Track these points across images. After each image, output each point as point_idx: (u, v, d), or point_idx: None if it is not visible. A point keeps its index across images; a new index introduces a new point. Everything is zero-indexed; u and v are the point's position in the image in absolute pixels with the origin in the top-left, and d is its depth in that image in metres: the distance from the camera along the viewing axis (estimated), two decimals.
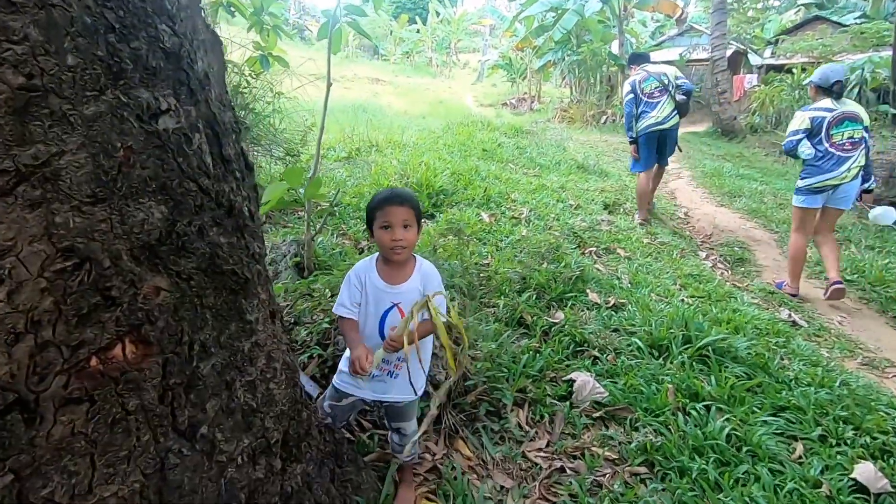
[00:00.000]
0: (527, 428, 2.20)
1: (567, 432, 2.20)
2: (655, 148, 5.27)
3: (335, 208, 4.03)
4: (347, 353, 1.66)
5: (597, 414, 2.28)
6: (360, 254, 3.28)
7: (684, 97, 5.21)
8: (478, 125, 8.74)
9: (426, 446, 2.01)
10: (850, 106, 4.00)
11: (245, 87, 4.06)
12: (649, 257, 4.16)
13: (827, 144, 3.91)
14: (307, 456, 1.23)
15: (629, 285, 3.55)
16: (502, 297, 3.08)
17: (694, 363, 2.60)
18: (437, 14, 32.44)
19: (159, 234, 0.79)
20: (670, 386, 2.38)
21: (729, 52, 13.46)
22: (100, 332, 0.71)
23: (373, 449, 1.91)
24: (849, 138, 3.90)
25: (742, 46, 18.17)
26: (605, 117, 13.79)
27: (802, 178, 4.01)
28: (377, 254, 1.64)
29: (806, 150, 3.96)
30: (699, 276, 3.90)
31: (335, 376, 1.65)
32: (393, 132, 7.69)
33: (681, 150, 5.75)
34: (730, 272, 4.38)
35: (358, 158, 5.81)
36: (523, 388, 2.38)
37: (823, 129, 3.93)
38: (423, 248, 3.01)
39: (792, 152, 4.08)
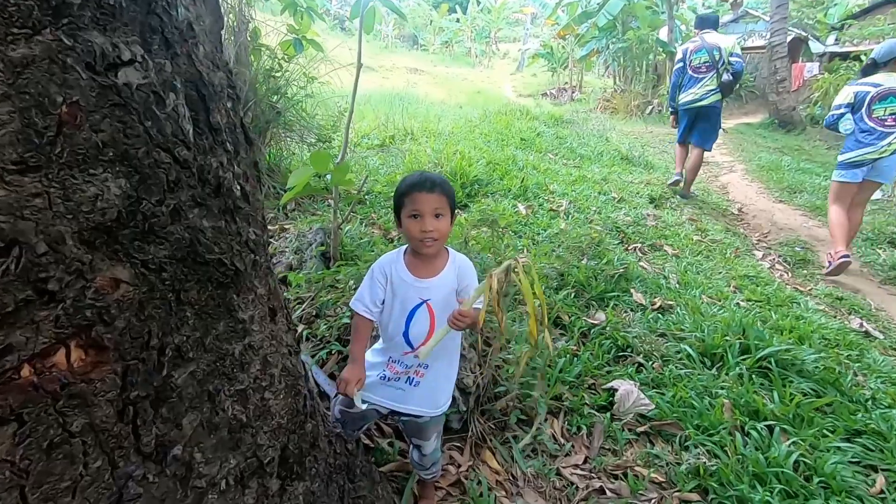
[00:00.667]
0: (562, 440, 2.00)
1: (607, 448, 1.99)
2: (687, 124, 5.40)
3: (365, 196, 3.90)
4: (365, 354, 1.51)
5: (641, 429, 2.06)
6: (389, 244, 3.13)
7: (731, 78, 5.20)
8: (516, 114, 8.45)
9: (450, 456, 1.85)
10: None
11: (278, 71, 3.97)
12: (699, 255, 3.84)
13: (867, 119, 3.98)
14: (312, 472, 1.08)
15: (677, 286, 3.27)
16: None
17: (753, 376, 2.32)
18: (478, 3, 31.96)
19: (118, 215, 0.64)
20: (726, 401, 2.12)
21: (788, 39, 12.55)
22: (33, 335, 0.57)
23: (393, 457, 1.76)
24: (891, 114, 3.92)
25: (802, 33, 16.98)
26: (650, 107, 13.15)
27: (843, 153, 4.07)
28: (405, 246, 1.47)
29: (847, 124, 4.04)
30: (756, 278, 3.57)
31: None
32: (429, 121, 7.51)
33: (725, 132, 5.84)
34: (790, 274, 4.00)
35: (392, 146, 5.67)
36: (559, 395, 2.18)
37: (865, 104, 3.99)
38: (454, 239, 2.83)
39: (833, 126, 4.14)
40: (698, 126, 5.34)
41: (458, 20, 33.38)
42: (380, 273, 1.42)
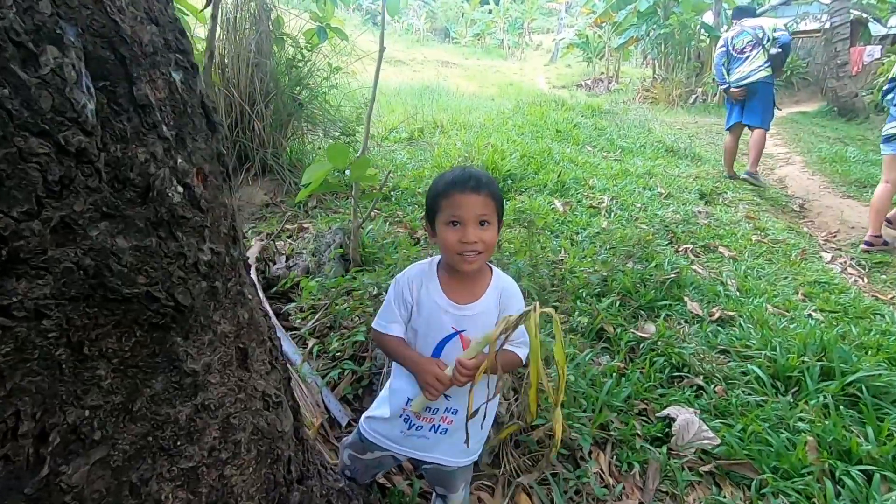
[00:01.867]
0: (610, 480, 1.70)
1: (664, 490, 1.68)
2: (739, 106, 5.21)
3: (391, 192, 3.66)
4: (385, 391, 1.26)
5: (705, 468, 1.74)
6: (415, 244, 2.89)
7: (779, 49, 5.08)
8: (551, 105, 8.05)
9: (479, 498, 1.58)
10: None
11: (300, 61, 3.77)
12: (760, 258, 3.43)
13: None
14: None
15: (737, 293, 2.90)
16: (578, 303, 2.57)
17: (840, 406, 1.96)
18: None
19: None
20: (810, 438, 1.78)
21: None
22: None
23: (413, 501, 1.51)
24: None
25: (863, 14, 15.74)
26: (693, 97, 12.44)
27: (890, 126, 4.01)
28: (438, 257, 1.22)
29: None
30: (828, 285, 3.14)
31: (362, 419, 1.24)
32: (459, 113, 7.23)
33: (779, 109, 5.82)
34: (866, 280, 3.54)
35: (420, 140, 5.42)
36: (606, 423, 1.89)
37: None
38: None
39: (886, 103, 4.14)
40: (750, 105, 5.11)
41: (490, 11, 32.81)
42: (407, 290, 1.17)
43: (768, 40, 5.10)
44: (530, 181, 4.26)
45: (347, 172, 2.42)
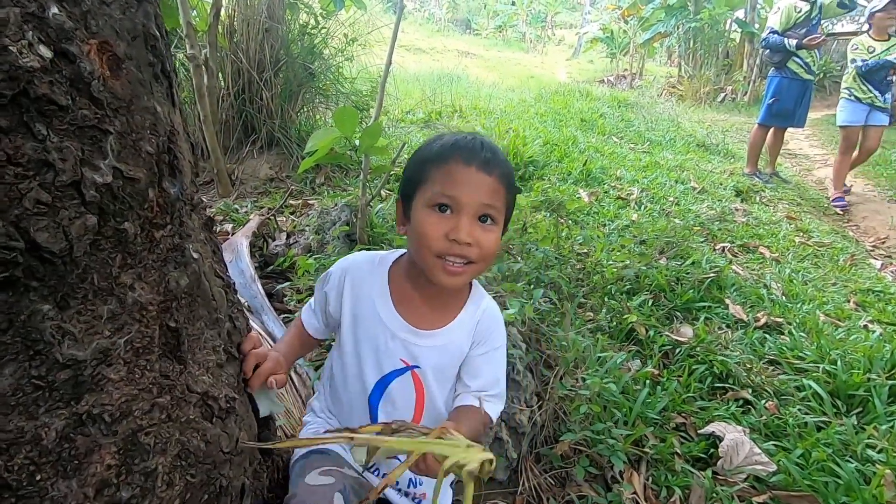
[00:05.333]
0: None
1: None
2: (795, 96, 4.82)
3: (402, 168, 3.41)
4: (319, 386, 0.97)
5: (759, 499, 1.47)
6: None
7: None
8: (575, 94, 7.73)
9: None
10: None
11: (314, 28, 3.52)
12: (805, 261, 3.13)
13: None
14: None
15: (783, 298, 2.61)
16: (606, 299, 2.31)
17: None
18: None
19: None
20: (887, 471, 1.50)
21: None
22: None
23: None
24: None
25: None
26: (722, 95, 11.98)
27: None
28: (393, 254, 0.89)
29: None
30: (883, 294, 2.84)
31: (304, 423, 0.95)
32: (479, 99, 6.94)
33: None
34: None
35: (437, 122, 5.16)
36: (639, 438, 1.63)
37: None
38: (511, 224, 2.28)
39: None
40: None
41: (513, 3, 32.28)
42: (335, 291, 0.85)
43: None
44: (553, 169, 3.98)
45: (357, 143, 2.18)
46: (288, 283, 2.00)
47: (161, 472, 0.46)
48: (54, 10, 0.37)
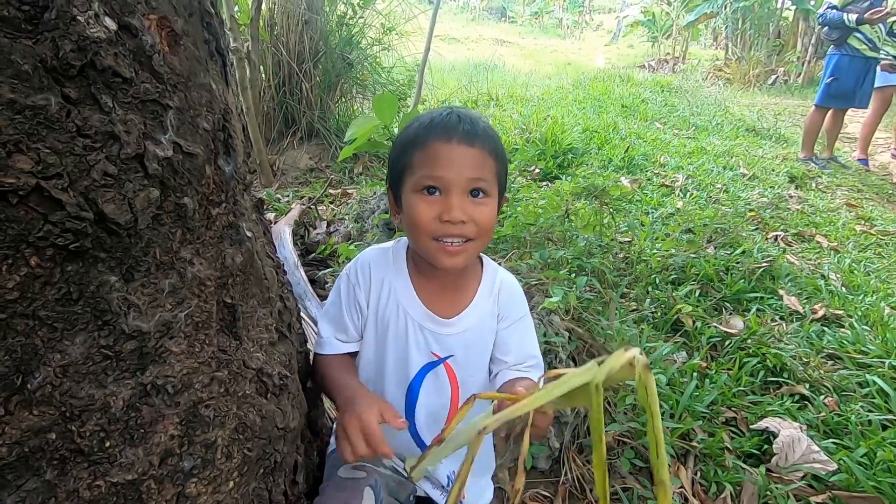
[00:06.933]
0: (695, 502, 1.40)
1: None
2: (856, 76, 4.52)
3: None
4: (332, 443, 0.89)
5: (818, 498, 1.40)
6: None
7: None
8: (615, 80, 7.50)
9: None
10: None
11: (351, 19, 3.54)
12: (868, 251, 2.94)
13: None
14: None
15: (843, 289, 2.46)
16: (650, 289, 2.24)
17: None
18: None
19: None
20: None
21: None
22: None
23: None
24: None
25: None
26: (773, 77, 11.35)
27: None
28: (404, 240, 0.86)
29: None
30: None
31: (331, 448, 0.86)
32: (515, 87, 6.83)
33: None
34: None
35: (474, 111, 5.11)
36: (687, 432, 1.57)
37: None
38: (552, 210, 2.24)
39: None
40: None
41: None
42: (362, 289, 0.80)
43: None
44: (593, 156, 3.88)
45: (396, 131, 2.19)
46: (329, 270, 2.03)
47: (220, 445, 0.47)
48: None
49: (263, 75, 3.39)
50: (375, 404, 0.67)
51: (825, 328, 2.11)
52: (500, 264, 0.93)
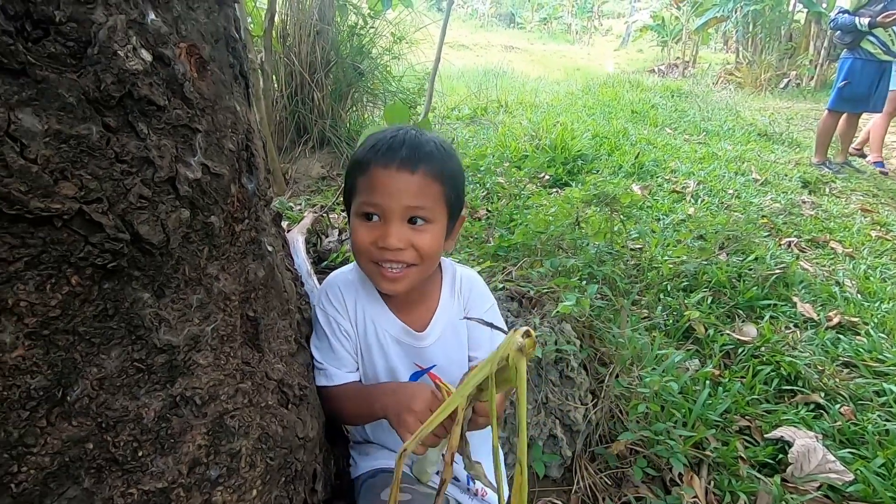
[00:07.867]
0: None
1: None
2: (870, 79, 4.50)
3: None
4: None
5: None
6: (476, 222, 2.63)
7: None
8: (625, 85, 7.49)
9: None
10: None
11: (362, 29, 3.59)
12: (884, 257, 2.90)
13: None
14: None
15: (858, 296, 2.43)
16: (661, 297, 2.23)
17: None
18: None
19: None
20: None
21: None
22: None
23: None
24: None
25: None
26: (785, 81, 11.25)
27: None
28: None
29: None
30: None
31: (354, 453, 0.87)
32: (524, 93, 6.86)
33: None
34: None
35: (483, 118, 5.14)
36: (700, 441, 1.57)
37: None
38: (562, 218, 2.25)
39: None
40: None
41: None
42: (341, 315, 0.79)
43: None
44: (603, 163, 3.88)
45: None
46: None
47: (245, 454, 0.48)
48: (152, 16, 0.39)
49: (276, 85, 3.45)
50: (422, 386, 0.70)
51: (840, 336, 2.08)
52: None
